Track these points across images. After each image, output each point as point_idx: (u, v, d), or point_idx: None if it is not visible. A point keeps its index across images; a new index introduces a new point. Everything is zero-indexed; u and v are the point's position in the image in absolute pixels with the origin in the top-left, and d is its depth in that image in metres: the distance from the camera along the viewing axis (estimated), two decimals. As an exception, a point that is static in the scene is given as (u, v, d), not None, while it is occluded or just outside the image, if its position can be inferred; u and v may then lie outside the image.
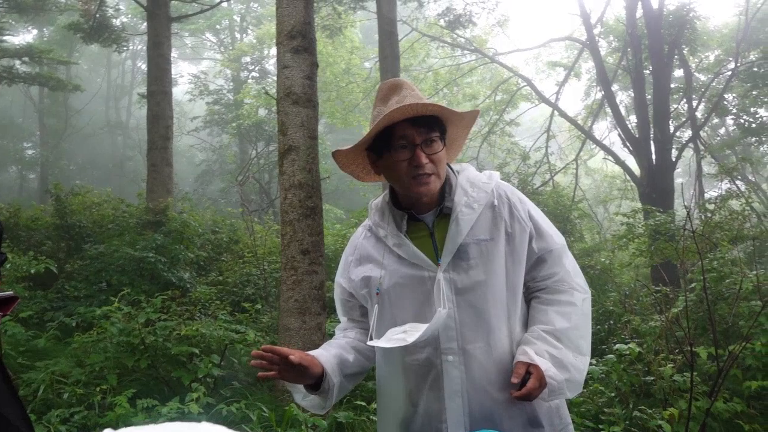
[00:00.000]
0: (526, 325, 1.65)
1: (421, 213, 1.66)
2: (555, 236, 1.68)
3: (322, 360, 1.60)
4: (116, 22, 13.91)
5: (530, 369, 1.49)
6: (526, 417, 1.57)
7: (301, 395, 1.63)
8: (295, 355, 1.48)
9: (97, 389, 4.18)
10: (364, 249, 1.73)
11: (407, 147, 1.58)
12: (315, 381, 1.58)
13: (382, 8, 11.45)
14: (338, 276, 1.80)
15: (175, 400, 3.91)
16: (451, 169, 1.72)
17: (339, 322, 1.88)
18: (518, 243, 1.63)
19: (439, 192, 1.65)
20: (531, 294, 1.69)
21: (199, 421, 1.05)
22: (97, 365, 4.65)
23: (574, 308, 1.61)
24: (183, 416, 3.61)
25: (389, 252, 1.66)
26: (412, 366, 1.61)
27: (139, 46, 29.36)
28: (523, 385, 1.47)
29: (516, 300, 1.63)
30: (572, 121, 16.33)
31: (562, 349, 1.55)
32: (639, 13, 13.12)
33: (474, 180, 1.68)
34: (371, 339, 1.63)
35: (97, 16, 12.47)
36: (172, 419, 3.52)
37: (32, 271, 6.63)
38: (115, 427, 1.01)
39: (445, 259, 1.59)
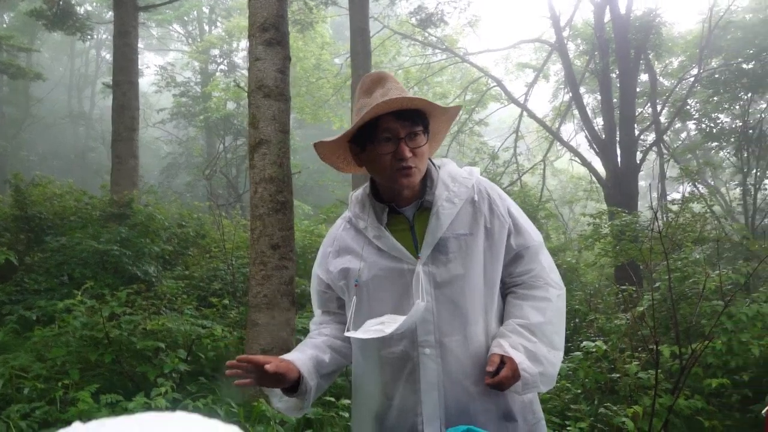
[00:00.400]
0: (502, 320, 1.66)
1: (402, 206, 1.66)
2: (533, 233, 1.70)
3: (299, 364, 1.58)
4: (81, 9, 13.60)
5: (504, 360, 1.50)
6: (501, 411, 1.58)
7: (277, 398, 1.62)
8: (271, 364, 1.46)
9: (59, 384, 4.07)
10: (343, 240, 1.72)
11: (391, 140, 1.57)
12: (291, 384, 1.57)
13: (354, 4, 11.40)
14: (316, 267, 1.79)
15: (140, 395, 3.84)
16: (433, 163, 1.72)
17: (309, 317, 1.86)
18: (497, 238, 1.64)
19: (420, 186, 1.65)
20: (507, 289, 1.70)
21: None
22: (58, 359, 4.51)
23: (549, 304, 1.63)
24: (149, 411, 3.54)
25: (369, 244, 1.65)
26: (389, 359, 1.61)
27: (104, 35, 28.57)
28: (497, 374, 1.47)
29: (493, 295, 1.64)
30: (540, 122, 16.53)
31: (537, 343, 1.56)
32: (607, 17, 13.35)
33: (455, 175, 1.69)
34: (348, 330, 1.62)
35: (61, 2, 12.11)
36: (137, 415, 3.45)
37: (-9, 263, 6.44)
38: (81, 422, 0.98)
39: (424, 252, 1.59)
